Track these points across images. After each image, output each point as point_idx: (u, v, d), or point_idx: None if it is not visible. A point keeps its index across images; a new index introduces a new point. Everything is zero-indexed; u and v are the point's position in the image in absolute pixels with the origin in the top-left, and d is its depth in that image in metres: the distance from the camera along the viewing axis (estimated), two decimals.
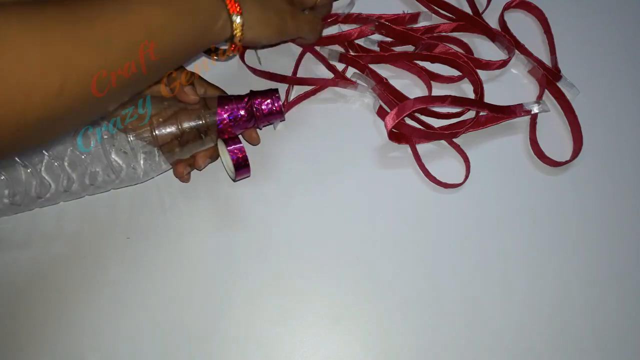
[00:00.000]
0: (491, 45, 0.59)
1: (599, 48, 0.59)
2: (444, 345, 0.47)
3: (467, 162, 0.53)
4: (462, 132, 0.53)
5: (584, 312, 0.48)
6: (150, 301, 0.48)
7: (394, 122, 0.51)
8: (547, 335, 0.48)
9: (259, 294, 0.48)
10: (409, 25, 0.58)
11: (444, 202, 0.52)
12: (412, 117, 0.54)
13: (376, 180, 0.52)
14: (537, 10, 0.60)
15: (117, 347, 0.46)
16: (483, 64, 0.56)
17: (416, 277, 0.49)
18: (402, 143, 0.53)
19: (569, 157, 0.53)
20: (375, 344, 0.47)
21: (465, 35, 0.59)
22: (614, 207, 0.52)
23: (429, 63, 0.57)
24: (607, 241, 0.51)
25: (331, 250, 0.50)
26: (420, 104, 0.52)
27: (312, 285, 0.49)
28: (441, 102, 0.52)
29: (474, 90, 0.55)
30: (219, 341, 0.47)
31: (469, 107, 0.54)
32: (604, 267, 0.50)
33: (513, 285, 0.49)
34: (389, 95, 0.54)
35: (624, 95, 0.57)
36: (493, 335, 0.47)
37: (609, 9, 0.61)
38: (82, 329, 0.47)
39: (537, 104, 0.54)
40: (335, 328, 0.47)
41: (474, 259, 0.50)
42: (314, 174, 0.52)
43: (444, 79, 0.56)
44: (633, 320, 0.48)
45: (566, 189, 0.53)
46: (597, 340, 0.48)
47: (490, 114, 0.54)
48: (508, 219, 0.51)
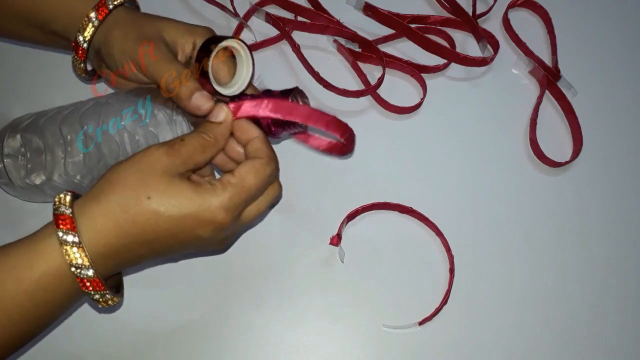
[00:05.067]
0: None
1: (599, 48, 0.59)
2: (443, 345, 0.47)
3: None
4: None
5: (584, 312, 0.49)
6: (150, 301, 0.48)
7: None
8: (545, 335, 0.48)
9: (259, 294, 0.48)
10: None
11: (444, 202, 0.52)
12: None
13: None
14: (541, 10, 0.60)
15: (118, 347, 0.46)
16: (461, 58, 0.57)
17: (416, 277, 0.49)
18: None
19: (569, 158, 0.54)
20: (375, 344, 0.47)
21: (460, 33, 0.59)
22: (613, 208, 0.52)
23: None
24: (606, 241, 0.51)
25: (331, 249, 0.50)
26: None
27: (313, 285, 0.49)
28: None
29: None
30: (219, 341, 0.47)
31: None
32: (603, 267, 0.50)
33: (512, 285, 0.49)
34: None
35: (624, 96, 0.57)
36: (493, 335, 0.48)
37: (608, 9, 0.61)
38: (82, 329, 0.47)
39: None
40: (335, 328, 0.48)
41: (474, 259, 0.50)
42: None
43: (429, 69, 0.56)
44: (633, 320, 0.49)
45: (566, 190, 0.53)
46: (597, 340, 0.48)
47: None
48: (508, 220, 0.51)
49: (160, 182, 0.36)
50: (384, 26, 0.58)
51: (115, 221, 0.35)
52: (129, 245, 0.36)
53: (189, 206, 0.36)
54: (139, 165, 0.36)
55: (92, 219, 0.35)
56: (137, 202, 0.36)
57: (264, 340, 0.47)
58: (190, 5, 0.59)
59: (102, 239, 0.35)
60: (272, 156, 0.40)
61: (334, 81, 0.55)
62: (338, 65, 0.57)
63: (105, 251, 0.36)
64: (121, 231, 0.36)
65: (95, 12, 0.42)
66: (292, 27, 0.58)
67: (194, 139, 0.38)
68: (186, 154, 0.37)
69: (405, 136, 0.54)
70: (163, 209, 0.36)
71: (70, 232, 0.35)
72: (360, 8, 0.58)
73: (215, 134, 0.39)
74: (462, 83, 0.57)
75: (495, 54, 0.57)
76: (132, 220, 0.36)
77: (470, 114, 0.56)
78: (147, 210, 0.36)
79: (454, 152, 0.54)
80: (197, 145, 0.38)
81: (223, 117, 0.39)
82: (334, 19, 0.57)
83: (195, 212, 0.36)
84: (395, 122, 0.55)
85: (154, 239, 0.37)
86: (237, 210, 0.38)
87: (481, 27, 0.58)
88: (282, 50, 0.57)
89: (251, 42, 0.56)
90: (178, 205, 0.36)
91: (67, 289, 0.36)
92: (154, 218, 0.36)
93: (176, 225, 0.36)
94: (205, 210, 0.36)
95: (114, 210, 0.35)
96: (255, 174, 0.38)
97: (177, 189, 0.36)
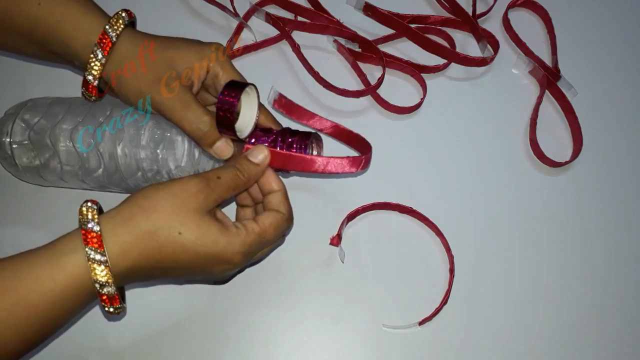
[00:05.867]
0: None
1: (599, 48, 0.59)
2: (443, 345, 0.47)
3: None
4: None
5: (584, 312, 0.49)
6: (151, 301, 0.48)
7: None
8: (545, 335, 0.48)
9: (259, 294, 0.48)
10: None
11: (444, 202, 0.52)
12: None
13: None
14: (541, 10, 0.60)
15: (119, 346, 0.47)
16: (461, 58, 0.57)
17: (416, 277, 0.49)
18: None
19: (569, 158, 0.54)
20: (375, 344, 0.47)
21: (460, 33, 0.59)
22: (613, 208, 0.52)
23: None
24: (606, 241, 0.51)
25: (331, 249, 0.50)
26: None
27: (313, 285, 0.49)
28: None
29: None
30: (220, 341, 0.47)
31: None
32: (603, 267, 0.50)
33: (512, 285, 0.49)
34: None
35: (624, 96, 0.57)
36: (493, 335, 0.48)
37: (608, 9, 0.61)
38: (84, 328, 0.47)
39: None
40: (335, 328, 0.48)
41: (474, 259, 0.50)
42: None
43: (430, 69, 0.56)
44: (633, 320, 0.49)
45: (566, 190, 0.53)
46: (597, 340, 0.48)
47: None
48: (508, 220, 0.52)
49: (193, 220, 0.37)
50: (384, 26, 0.58)
51: (142, 247, 0.37)
52: (149, 269, 0.38)
53: (214, 247, 0.38)
54: (175, 198, 0.37)
55: (119, 241, 0.36)
56: (168, 234, 0.37)
57: (264, 340, 0.47)
58: (190, 5, 0.59)
59: (127, 261, 0.36)
60: (291, 213, 0.42)
61: (334, 81, 0.55)
62: (338, 65, 0.57)
63: (127, 272, 0.37)
64: (146, 257, 0.37)
65: (100, 48, 0.41)
66: (292, 27, 0.58)
67: (229, 177, 0.40)
68: (220, 192, 0.39)
69: (405, 136, 0.54)
70: (191, 245, 0.37)
71: (99, 252, 0.35)
72: (360, 8, 0.58)
73: (249, 174, 0.41)
74: (462, 83, 0.57)
75: (495, 54, 0.57)
76: (160, 250, 0.37)
77: (470, 114, 0.56)
78: (176, 244, 0.37)
79: (454, 152, 0.54)
80: (231, 183, 0.39)
81: (262, 159, 0.41)
82: (334, 19, 0.57)
83: (218, 253, 0.38)
84: (395, 122, 0.55)
85: (171, 268, 0.38)
86: (252, 255, 0.41)
87: (481, 27, 0.58)
88: (282, 50, 0.57)
89: (251, 42, 0.56)
90: (204, 245, 0.38)
91: (85, 300, 0.37)
92: (180, 251, 0.37)
93: (197, 260, 0.38)
94: (226, 253, 0.38)
95: (144, 237, 0.36)
96: (275, 228, 0.40)
97: (207, 229, 0.38)
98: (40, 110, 0.47)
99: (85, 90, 0.43)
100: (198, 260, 0.38)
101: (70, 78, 0.54)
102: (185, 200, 0.37)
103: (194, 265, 0.38)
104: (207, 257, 0.38)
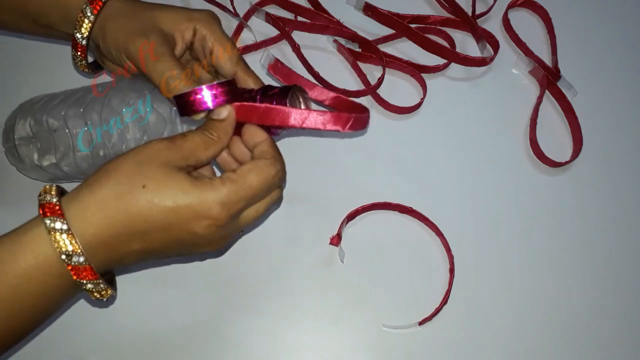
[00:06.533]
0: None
1: (599, 48, 0.59)
2: (443, 345, 0.47)
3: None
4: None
5: (584, 312, 0.49)
6: (151, 301, 0.48)
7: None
8: (545, 335, 0.48)
9: (259, 294, 0.48)
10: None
11: (444, 202, 0.52)
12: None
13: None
14: (541, 10, 0.60)
15: (118, 348, 0.46)
16: (461, 58, 0.57)
17: (416, 277, 0.49)
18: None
19: (569, 158, 0.54)
20: (375, 344, 0.47)
21: (460, 33, 0.59)
22: (613, 208, 0.52)
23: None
24: (606, 241, 0.51)
25: (331, 249, 0.50)
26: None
27: (313, 285, 0.49)
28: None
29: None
30: (220, 341, 0.47)
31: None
32: (603, 267, 0.50)
33: (512, 285, 0.49)
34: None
35: (624, 96, 0.57)
36: (493, 335, 0.48)
37: (608, 9, 0.61)
38: (82, 329, 0.47)
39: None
40: (335, 328, 0.48)
41: (474, 259, 0.50)
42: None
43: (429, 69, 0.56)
44: (633, 320, 0.49)
45: (566, 190, 0.53)
46: (597, 340, 0.48)
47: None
48: (508, 220, 0.51)
49: (157, 172, 0.35)
50: (384, 26, 0.58)
51: (107, 210, 0.34)
52: (120, 236, 0.35)
53: (184, 197, 0.35)
54: (138, 155, 0.36)
55: (82, 208, 0.34)
56: (131, 189, 0.34)
57: (264, 340, 0.47)
58: (190, 5, 0.59)
59: (91, 228, 0.34)
60: (278, 158, 0.38)
61: (334, 81, 0.55)
62: (338, 65, 0.57)
63: (96, 242, 0.34)
64: (112, 221, 0.34)
65: (89, 6, 0.41)
66: (292, 27, 0.58)
67: (196, 135, 0.38)
68: (187, 149, 0.37)
69: (405, 136, 0.54)
70: (157, 199, 0.35)
71: (59, 219, 0.33)
72: (360, 8, 0.58)
73: (218, 131, 0.38)
74: (462, 83, 0.57)
75: (495, 54, 0.57)
76: (125, 208, 0.34)
77: (470, 114, 0.56)
78: (141, 199, 0.34)
79: (454, 152, 0.54)
80: (200, 141, 0.37)
81: (225, 114, 0.39)
82: (334, 19, 0.57)
83: (190, 204, 0.35)
84: (395, 122, 0.55)
85: (145, 231, 0.35)
86: (234, 208, 0.36)
87: (481, 27, 0.58)
88: (282, 50, 0.57)
89: (251, 42, 0.56)
90: (173, 196, 0.35)
91: (55, 280, 0.34)
92: (147, 207, 0.34)
93: (170, 216, 0.35)
94: (201, 203, 0.35)
95: (107, 198, 0.34)
96: (257, 173, 0.37)
97: (174, 180, 0.35)
98: (45, 106, 0.47)
99: (75, 52, 0.42)
100: (170, 216, 0.35)
101: (70, 78, 0.54)
102: (148, 155, 0.35)
103: (169, 226, 0.35)
104: (179, 212, 0.35)
